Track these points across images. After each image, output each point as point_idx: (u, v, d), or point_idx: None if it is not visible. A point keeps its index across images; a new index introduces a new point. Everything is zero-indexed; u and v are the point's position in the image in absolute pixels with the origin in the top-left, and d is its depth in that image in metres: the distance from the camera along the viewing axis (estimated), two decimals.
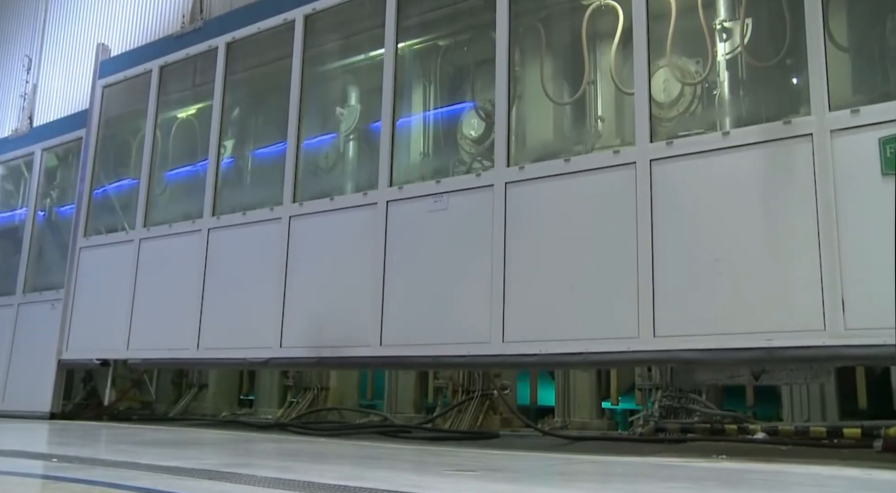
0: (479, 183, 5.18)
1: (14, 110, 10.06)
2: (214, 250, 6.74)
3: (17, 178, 9.74)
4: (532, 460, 3.86)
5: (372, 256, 5.58)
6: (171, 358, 6.99)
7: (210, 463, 3.19)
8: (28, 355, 8.41)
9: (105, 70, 8.48)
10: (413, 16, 6.03)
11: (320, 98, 6.77)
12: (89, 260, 7.97)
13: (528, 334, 4.74)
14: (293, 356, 5.97)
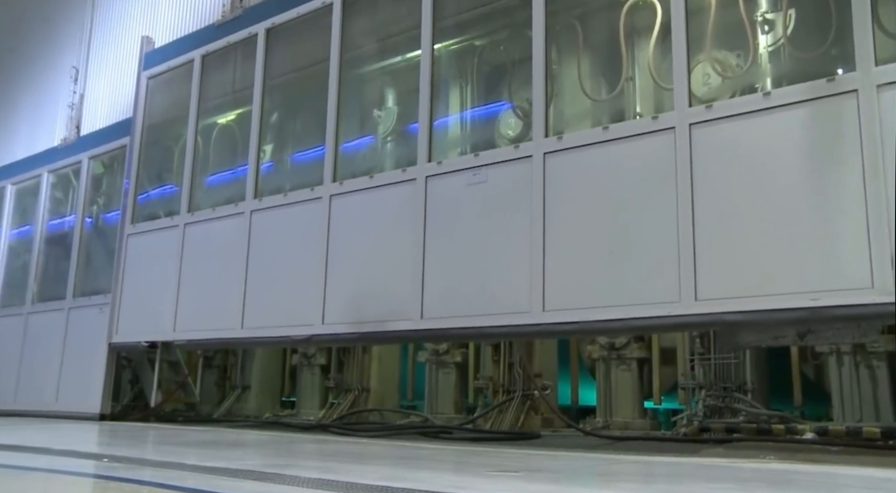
0: (518, 154, 5.22)
1: (63, 120, 10.32)
2: (257, 231, 6.87)
3: (65, 186, 9.99)
4: (574, 460, 3.83)
5: (412, 231, 5.64)
6: (217, 338, 7.13)
7: (254, 464, 3.23)
8: (78, 358, 8.62)
9: (149, 61, 8.67)
10: (449, 16, 6.03)
11: (357, 101, 6.82)
12: (137, 246, 8.17)
13: (569, 303, 4.76)
14: (335, 332, 6.06)
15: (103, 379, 8.09)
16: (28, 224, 10.38)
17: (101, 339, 8.20)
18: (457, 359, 7.27)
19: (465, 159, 5.53)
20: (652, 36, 5.04)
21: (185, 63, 8.19)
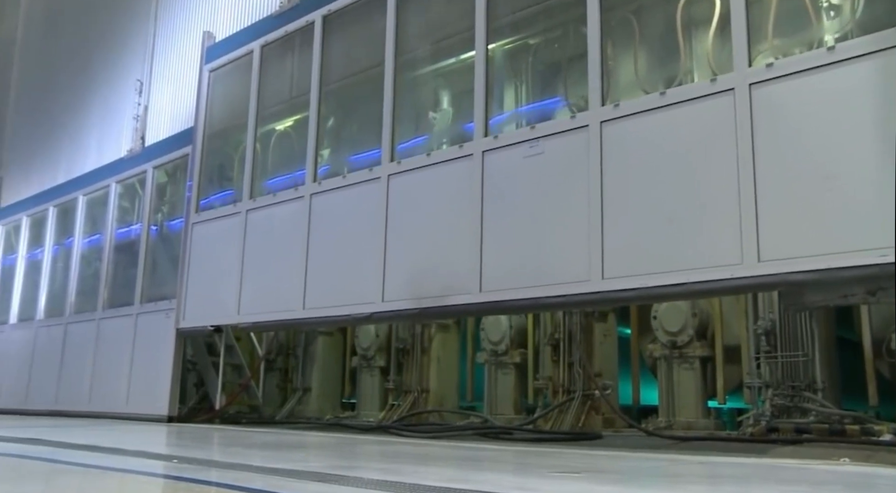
0: (575, 124, 5.22)
1: (128, 132, 10.66)
2: (317, 213, 7.02)
3: (132, 195, 10.32)
4: (637, 461, 3.77)
5: (469, 206, 5.68)
6: (279, 319, 7.28)
7: (317, 465, 3.27)
8: (147, 362, 8.88)
9: (211, 55, 8.89)
10: (503, 16, 6.01)
11: (412, 103, 6.85)
12: (201, 234, 8.41)
13: (628, 270, 4.76)
14: (395, 309, 6.14)
15: (170, 381, 8.31)
16: (98, 233, 10.75)
17: (168, 343, 8.43)
18: (516, 359, 7.24)
19: (521, 132, 5.55)
20: (711, 26, 4.94)
21: (244, 54, 8.37)
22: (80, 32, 12.47)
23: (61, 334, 10.49)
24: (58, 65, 12.87)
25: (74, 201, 11.17)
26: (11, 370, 11.25)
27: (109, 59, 11.53)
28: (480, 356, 7.51)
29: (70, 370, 10.12)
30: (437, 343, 7.97)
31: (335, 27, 7.44)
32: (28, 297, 11.70)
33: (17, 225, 12.37)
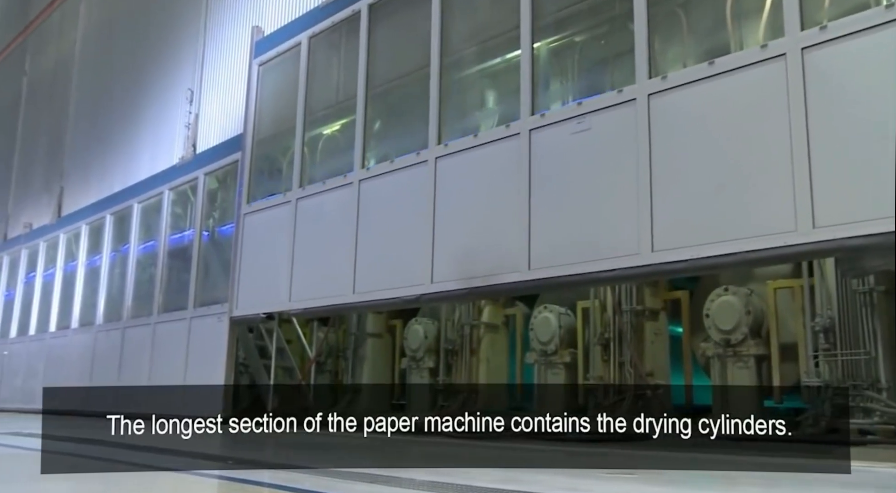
0: (622, 99, 5.17)
1: (180, 140, 10.90)
2: (365, 199, 7.05)
3: (184, 202, 10.53)
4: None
5: (517, 184, 5.66)
6: (330, 305, 7.34)
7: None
8: (201, 364, 9.03)
9: (260, 49, 8.97)
10: (548, 14, 5.97)
11: (459, 104, 6.85)
12: (252, 224, 8.49)
13: (678, 241, 4.72)
14: (444, 290, 6.15)
15: (224, 372, 8.40)
16: (152, 240, 11.00)
17: (221, 346, 8.56)
18: (566, 359, 7.18)
19: (568, 109, 5.52)
20: (762, 19, 4.83)
21: (293, 47, 8.42)
22: (132, 47, 12.80)
23: (119, 338, 10.76)
24: (112, 79, 13.23)
25: (129, 209, 11.44)
26: (73, 373, 11.58)
27: (161, 70, 11.82)
28: (530, 357, 7.46)
29: (128, 372, 10.37)
30: (486, 344, 7.95)
31: (381, 15, 7.46)
32: (88, 302, 12.03)
33: (77, 233, 12.75)
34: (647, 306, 6.64)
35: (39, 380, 12.21)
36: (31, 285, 13.50)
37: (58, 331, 12.32)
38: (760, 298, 6.06)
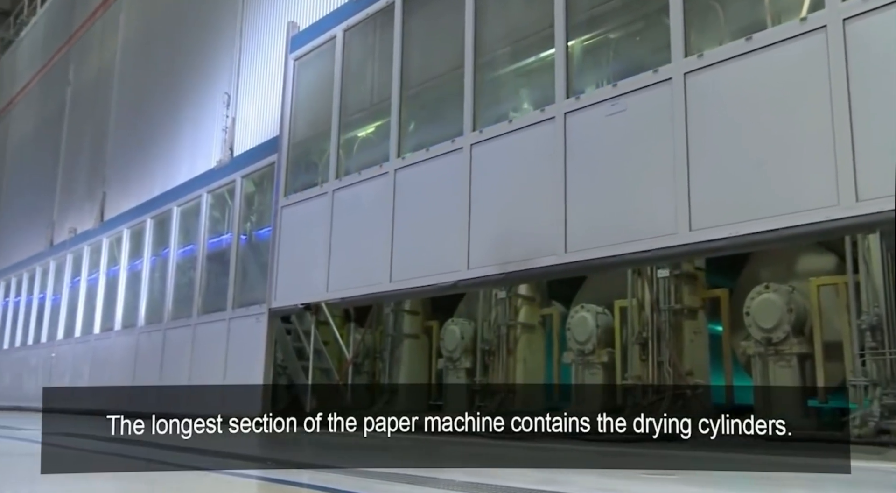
0: (657, 78, 5.14)
1: (218, 144, 11.04)
2: (401, 187, 7.12)
3: (222, 206, 10.67)
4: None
5: (552, 168, 5.68)
6: (367, 293, 7.42)
7: (405, 468, 3.29)
8: (239, 364, 9.14)
9: (295, 44, 9.08)
10: (582, 11, 5.93)
11: (493, 104, 6.84)
12: (289, 216, 8.61)
13: (716, 219, 4.69)
14: (480, 275, 6.18)
15: (263, 366, 8.49)
16: (192, 244, 11.17)
17: (260, 345, 8.65)
18: (603, 359, 7.12)
19: (603, 91, 5.50)
20: (801, 12, 4.72)
21: (328, 40, 8.50)
22: (170, 54, 13.02)
23: (161, 339, 10.95)
24: (151, 86, 13.47)
25: (169, 212, 11.62)
26: (117, 374, 11.83)
27: (198, 75, 11.99)
28: (567, 356, 7.41)
29: (169, 372, 10.55)
30: (523, 344, 7.92)
31: (415, 5, 7.48)
32: (130, 305, 12.27)
33: (119, 237, 13.00)
34: (686, 305, 6.55)
35: (85, 381, 12.48)
36: (76, 288, 13.81)
37: (102, 333, 12.58)
38: (803, 295, 5.94)
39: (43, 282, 15.40)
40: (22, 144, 19.13)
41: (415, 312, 9.33)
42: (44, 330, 14.86)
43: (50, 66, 18.06)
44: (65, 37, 17.42)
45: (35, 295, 15.67)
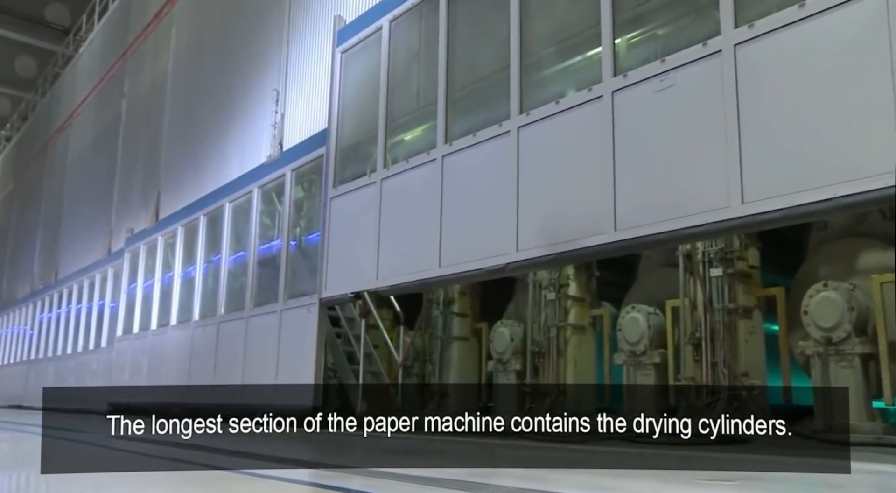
0: (707, 51, 5.08)
1: (267, 139, 11.21)
2: (449, 173, 7.15)
3: (272, 212, 10.81)
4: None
5: (600, 147, 5.65)
6: (416, 280, 7.43)
7: (457, 473, 3.28)
8: (291, 354, 9.21)
9: (342, 37, 9.15)
10: (628, 9, 5.86)
11: (540, 87, 6.80)
12: (339, 207, 8.68)
13: (770, 191, 4.62)
14: (530, 257, 6.18)
15: (315, 358, 8.54)
16: (242, 250, 11.33)
17: (311, 336, 8.70)
18: (655, 360, 7.01)
19: (651, 67, 5.43)
20: None
21: (374, 31, 8.55)
22: (220, 58, 13.28)
23: (214, 332, 11.15)
24: (202, 89, 13.77)
25: (221, 209, 11.80)
26: (173, 367, 12.10)
27: (247, 75, 12.20)
28: (618, 357, 7.32)
29: (223, 365, 10.73)
30: (573, 345, 7.85)
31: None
32: (185, 302, 12.51)
33: (174, 234, 13.27)
34: (741, 304, 6.41)
35: (144, 376, 12.82)
36: (133, 291, 14.16)
37: (158, 328, 12.89)
38: (864, 293, 5.75)
39: (102, 288, 15.86)
40: (81, 156, 19.74)
41: (464, 314, 9.34)
42: (104, 335, 15.31)
43: (106, 79, 18.61)
44: (120, 51, 17.94)
45: (95, 301, 16.15)
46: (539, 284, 8.37)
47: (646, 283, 7.88)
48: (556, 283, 8.15)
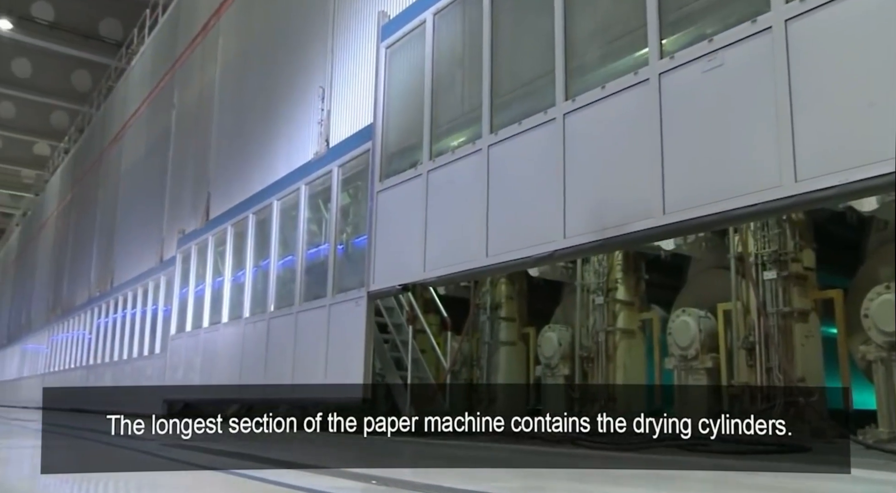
0: (756, 28, 4.97)
1: (314, 136, 11.32)
2: (495, 163, 7.13)
3: (319, 220, 10.89)
4: (859, 482, 3.39)
5: (647, 130, 5.59)
6: (463, 270, 7.42)
7: (509, 486, 3.25)
8: (340, 348, 9.23)
9: (386, 33, 9.18)
10: (673, 10, 5.76)
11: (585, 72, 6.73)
12: (385, 201, 8.71)
13: (824, 168, 4.49)
14: (577, 244, 6.13)
15: (364, 351, 8.52)
16: (291, 250, 11.42)
17: (360, 330, 8.70)
18: (707, 364, 6.86)
19: (698, 47, 5.35)
20: None
21: (418, 25, 8.56)
22: (266, 62, 13.45)
23: (265, 328, 11.29)
24: (249, 93, 13.97)
25: (270, 206, 11.94)
26: (225, 363, 12.30)
27: (293, 74, 12.33)
28: (668, 362, 7.18)
29: (274, 360, 10.84)
30: (623, 350, 7.75)
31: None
32: (235, 298, 12.70)
33: (224, 233, 13.48)
34: (796, 307, 6.23)
35: (197, 373, 13.06)
36: (185, 286, 14.41)
37: (210, 326, 13.11)
38: None
39: (155, 295, 16.21)
40: (133, 166, 20.23)
41: (511, 318, 9.29)
42: (157, 340, 15.65)
43: (157, 91, 19.04)
44: (169, 63, 18.34)
45: (149, 308, 16.51)
46: (587, 288, 8.28)
47: (696, 286, 7.72)
48: (604, 287, 8.06)
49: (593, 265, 8.24)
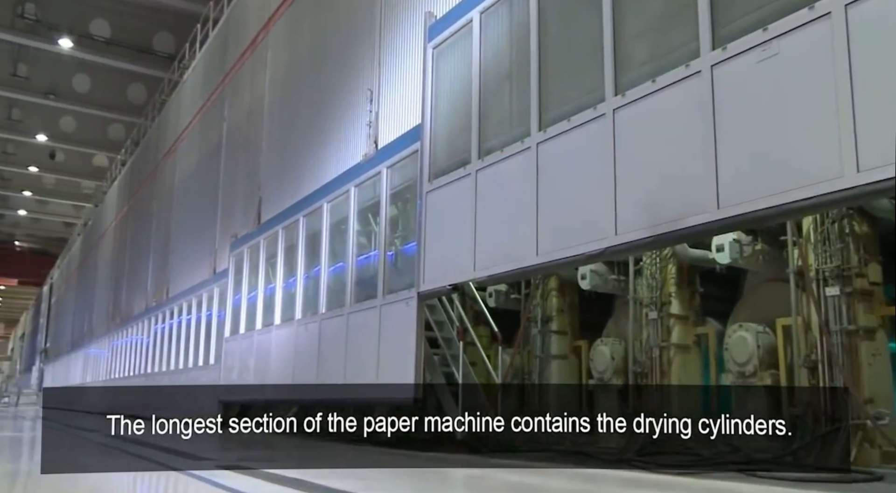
0: (813, 15, 4.83)
1: (363, 139, 11.37)
2: (544, 160, 7.07)
3: (367, 232, 10.92)
4: None
5: (700, 123, 5.49)
6: (514, 269, 7.38)
7: None
8: (392, 349, 9.23)
9: (433, 33, 9.19)
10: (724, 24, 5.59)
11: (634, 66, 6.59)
12: (434, 201, 8.73)
13: (887, 157, 4.30)
14: (629, 240, 6.04)
15: (415, 352, 8.53)
16: (342, 255, 11.47)
17: (411, 330, 8.72)
18: (766, 381, 6.64)
19: (751, 38, 5.21)
20: None
21: (465, 25, 8.55)
22: (314, 66, 13.54)
23: (316, 329, 11.37)
24: (298, 99, 14.10)
25: (321, 209, 12.02)
26: (278, 364, 12.44)
27: (341, 77, 12.39)
28: (725, 378, 6.99)
29: (326, 361, 10.91)
30: (678, 365, 7.57)
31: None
32: (287, 300, 12.84)
33: (276, 236, 13.64)
34: (861, 325, 5.99)
35: (251, 373, 13.24)
36: (238, 289, 14.63)
37: (263, 328, 13.28)
38: None
39: (209, 307, 16.50)
40: (187, 180, 20.64)
41: (563, 332, 9.18)
42: (212, 351, 15.92)
43: (208, 104, 19.39)
44: (220, 76, 18.66)
45: (203, 318, 16.82)
46: (640, 301, 8.12)
47: (753, 299, 7.50)
48: (657, 300, 7.89)
49: (646, 278, 8.07)
